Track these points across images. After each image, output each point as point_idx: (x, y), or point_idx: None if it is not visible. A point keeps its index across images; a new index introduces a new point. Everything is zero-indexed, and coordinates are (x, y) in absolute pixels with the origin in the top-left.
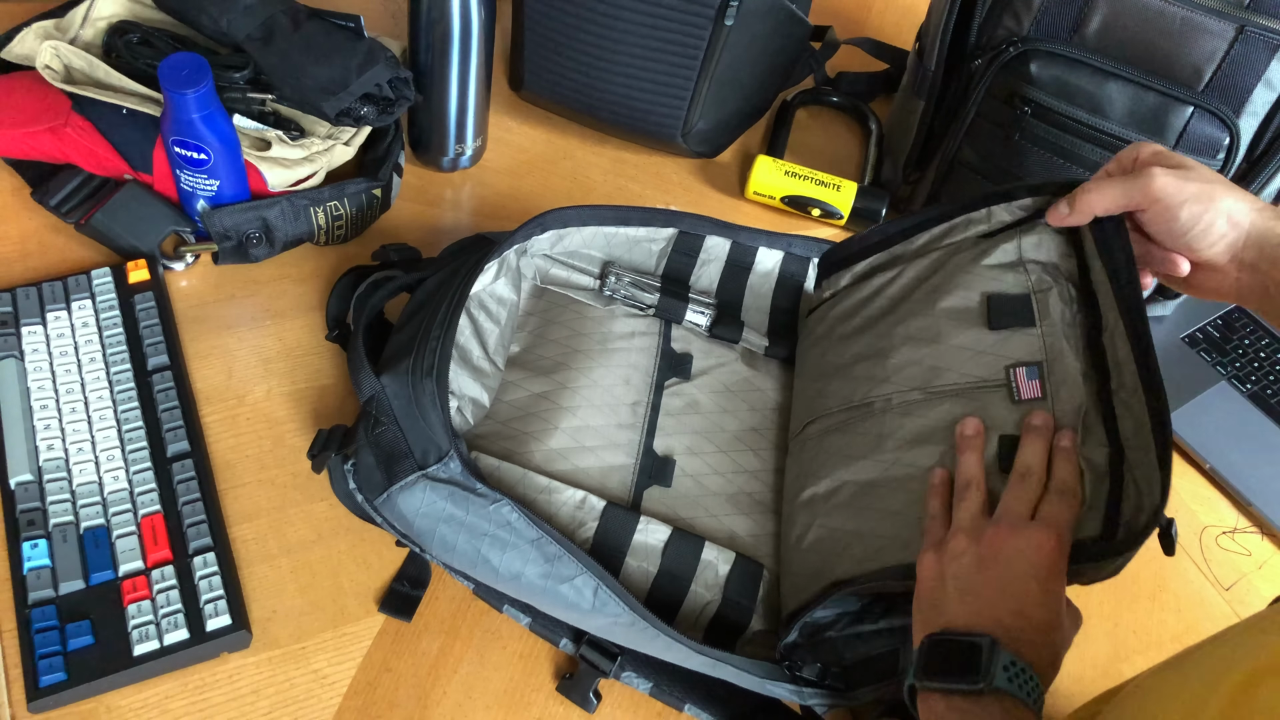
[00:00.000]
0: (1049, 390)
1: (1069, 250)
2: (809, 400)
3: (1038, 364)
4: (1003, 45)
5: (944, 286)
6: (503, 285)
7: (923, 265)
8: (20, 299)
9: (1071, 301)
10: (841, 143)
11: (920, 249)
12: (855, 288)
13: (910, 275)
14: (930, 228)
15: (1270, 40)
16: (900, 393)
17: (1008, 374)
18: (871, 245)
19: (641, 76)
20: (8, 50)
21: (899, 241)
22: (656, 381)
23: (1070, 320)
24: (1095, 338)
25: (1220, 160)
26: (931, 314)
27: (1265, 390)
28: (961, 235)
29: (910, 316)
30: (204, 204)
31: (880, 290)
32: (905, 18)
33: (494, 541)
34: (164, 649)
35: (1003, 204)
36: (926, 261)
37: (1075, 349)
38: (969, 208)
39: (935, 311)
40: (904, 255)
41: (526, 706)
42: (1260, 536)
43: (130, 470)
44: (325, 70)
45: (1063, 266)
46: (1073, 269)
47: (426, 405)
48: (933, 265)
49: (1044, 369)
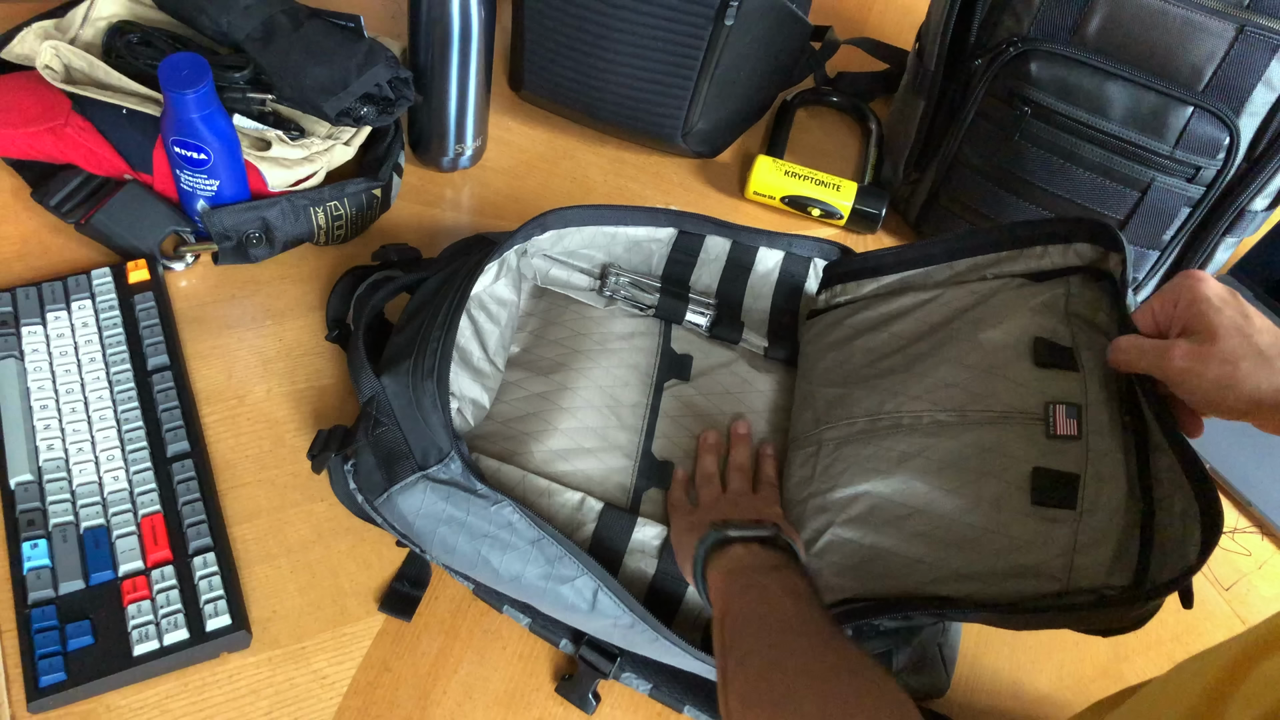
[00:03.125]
0: (1085, 431)
1: (1113, 312)
2: (824, 404)
3: (1077, 405)
4: (1003, 45)
5: (989, 319)
6: (503, 286)
7: (963, 294)
8: (20, 299)
9: None
10: (841, 143)
11: (959, 275)
12: (881, 300)
13: (949, 302)
14: (974, 255)
15: (1270, 40)
16: (932, 411)
17: (1047, 409)
18: (906, 260)
19: (641, 76)
20: (8, 50)
21: (939, 261)
22: (656, 383)
23: (1110, 374)
24: (1134, 400)
25: (1220, 160)
26: (975, 341)
27: None
28: (1009, 268)
29: (951, 341)
30: (204, 204)
31: (911, 310)
32: (905, 18)
33: (494, 542)
34: (164, 649)
35: (1059, 245)
36: (967, 291)
37: (1114, 399)
38: (1021, 243)
39: (980, 340)
40: (941, 278)
41: (526, 707)
42: (1260, 536)
43: (130, 470)
44: (325, 70)
45: (1105, 326)
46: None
47: (427, 406)
48: (976, 297)
49: (1083, 411)
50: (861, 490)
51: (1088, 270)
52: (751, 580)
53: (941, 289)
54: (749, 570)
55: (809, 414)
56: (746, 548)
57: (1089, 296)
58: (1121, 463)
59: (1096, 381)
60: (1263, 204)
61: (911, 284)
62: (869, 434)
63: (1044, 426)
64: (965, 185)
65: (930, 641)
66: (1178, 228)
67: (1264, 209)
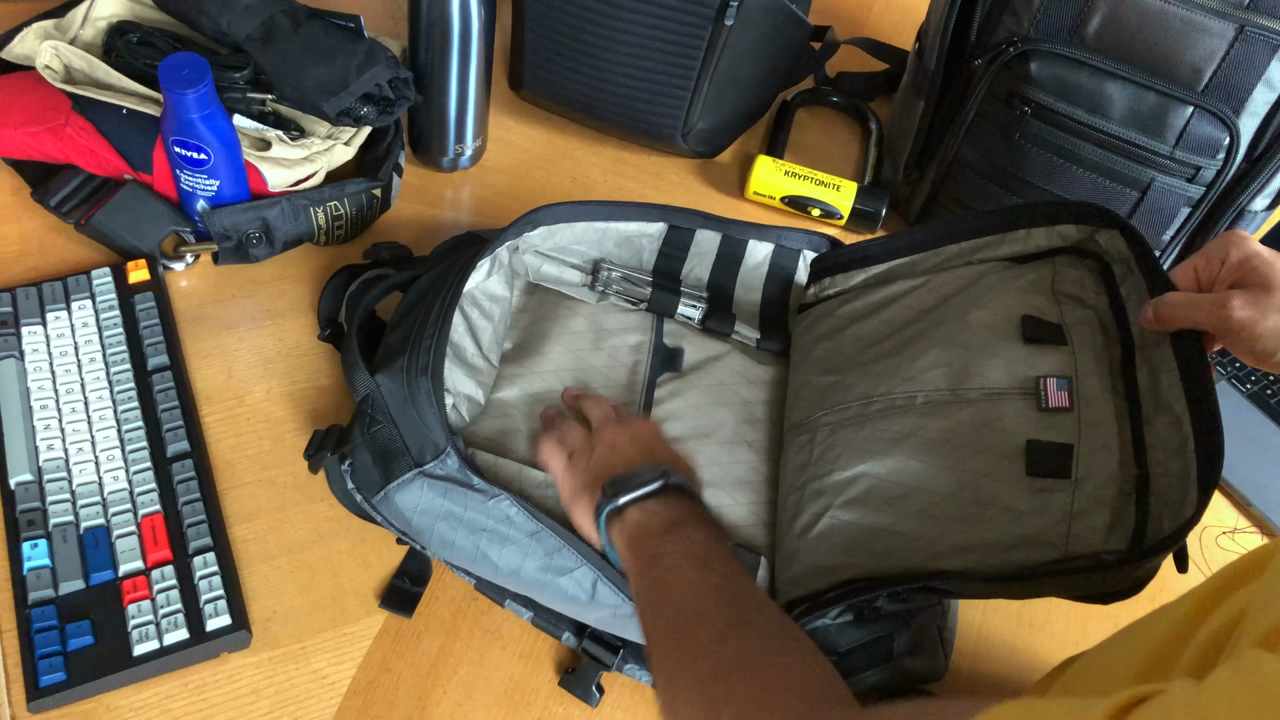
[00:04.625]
0: (1076, 403)
1: (1099, 287)
2: (818, 391)
3: (1067, 377)
4: (1003, 45)
5: (977, 301)
6: (495, 282)
7: (950, 278)
8: (20, 299)
9: (1102, 332)
10: (841, 143)
11: (946, 261)
12: (870, 289)
13: (938, 287)
14: (960, 240)
15: (1270, 40)
16: (926, 393)
17: (1038, 383)
18: (893, 250)
19: (641, 76)
20: (8, 50)
21: (925, 249)
22: (649, 376)
23: (1101, 347)
24: (1128, 368)
25: (1220, 160)
26: (964, 322)
27: (1265, 390)
28: (994, 252)
29: (940, 323)
30: (204, 204)
31: (901, 296)
32: (905, 18)
33: (493, 537)
34: (164, 649)
35: (1044, 228)
36: (954, 275)
37: (1105, 372)
38: (1006, 227)
39: (968, 321)
40: (928, 265)
41: (527, 706)
42: (1260, 536)
43: (130, 470)
44: (325, 70)
45: (1093, 302)
46: (1102, 305)
47: (423, 403)
48: (964, 281)
49: (1074, 383)
50: (858, 472)
51: (1074, 250)
52: (652, 552)
53: (929, 276)
54: (647, 537)
55: (803, 403)
56: (641, 508)
57: (1075, 274)
58: (1115, 431)
59: (1088, 355)
60: (1263, 204)
61: (899, 273)
62: (863, 417)
63: (1036, 400)
64: (965, 185)
65: (929, 625)
66: (1178, 228)
67: (1264, 209)
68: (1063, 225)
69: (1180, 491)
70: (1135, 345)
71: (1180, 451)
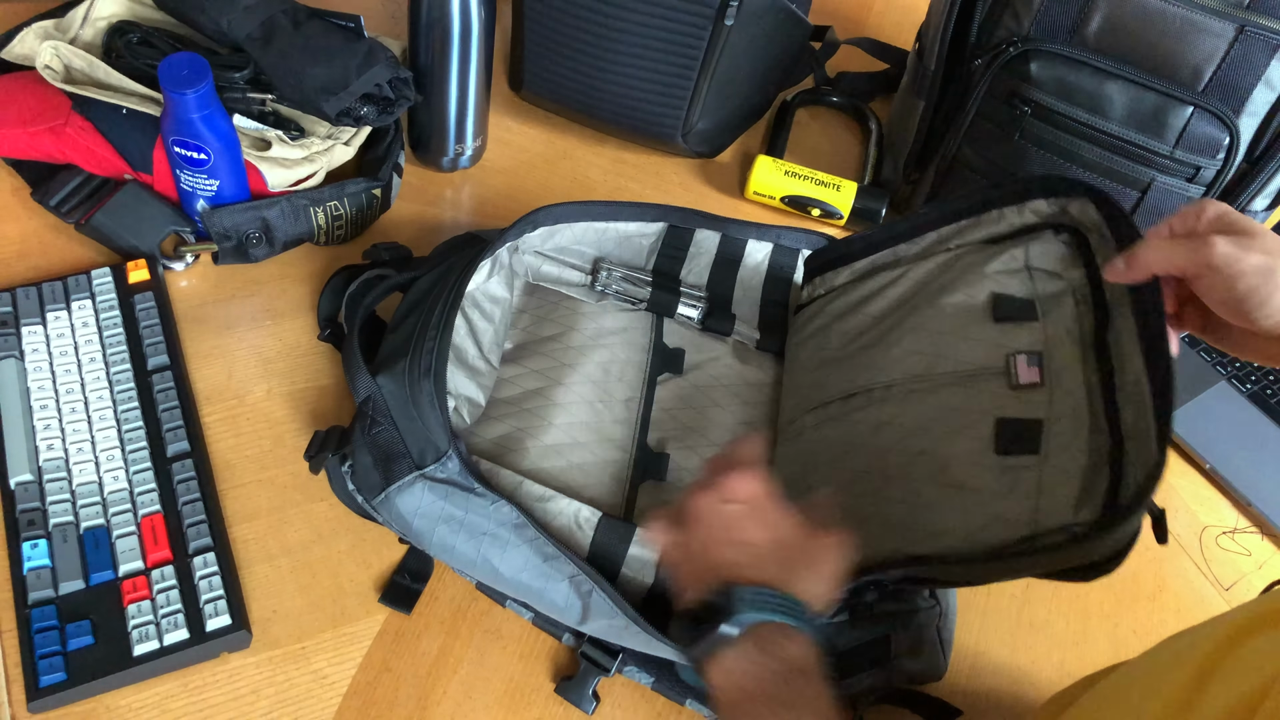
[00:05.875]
0: (1048, 377)
1: (1075, 259)
2: (805, 391)
3: (1038, 353)
4: (1003, 45)
5: (950, 285)
6: (496, 283)
7: (928, 267)
8: (20, 299)
9: (1076, 304)
10: (841, 143)
11: (925, 250)
12: (854, 285)
13: (915, 276)
14: (937, 228)
15: (1270, 40)
16: (900, 382)
17: (1008, 360)
18: (874, 244)
19: (641, 76)
20: (8, 50)
21: (904, 240)
22: (649, 376)
23: (1074, 318)
24: (1101, 336)
25: (1220, 160)
26: (935, 307)
27: (1265, 390)
28: (970, 237)
29: (915, 311)
30: (204, 204)
31: (882, 289)
32: (905, 18)
33: (493, 540)
34: (164, 649)
35: (1014, 206)
36: (932, 264)
37: (1076, 342)
38: (978, 210)
39: (939, 305)
40: (908, 255)
41: (526, 707)
42: (1260, 536)
43: (130, 470)
44: (325, 70)
45: (1067, 275)
46: (1077, 277)
47: (425, 405)
48: (940, 268)
49: (1044, 357)
50: (839, 466)
51: (1052, 226)
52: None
53: (909, 266)
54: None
55: (791, 402)
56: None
57: (1052, 249)
58: (1086, 401)
59: (1059, 327)
60: (1263, 204)
61: (881, 265)
62: (844, 413)
63: (1006, 379)
64: (965, 185)
65: (928, 625)
66: None
67: (1264, 209)
68: (1034, 201)
69: (1147, 449)
70: (1110, 312)
71: (1144, 408)
